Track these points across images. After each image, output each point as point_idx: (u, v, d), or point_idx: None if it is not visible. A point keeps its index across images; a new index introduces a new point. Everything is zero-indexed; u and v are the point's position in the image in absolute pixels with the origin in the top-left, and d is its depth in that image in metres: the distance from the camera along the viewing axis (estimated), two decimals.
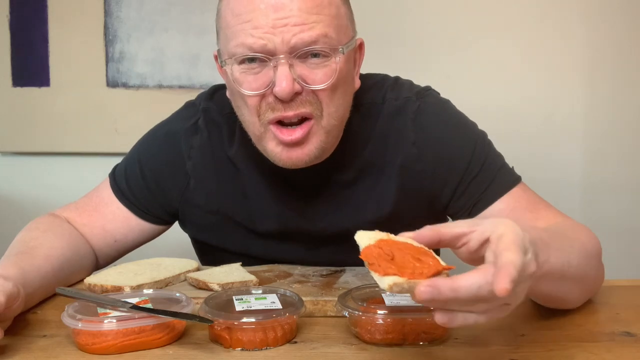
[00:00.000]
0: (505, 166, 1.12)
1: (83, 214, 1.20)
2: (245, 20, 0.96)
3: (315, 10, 0.95)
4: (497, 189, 1.08)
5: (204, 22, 1.91)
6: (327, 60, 0.97)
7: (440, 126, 1.11)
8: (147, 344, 0.84)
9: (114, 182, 1.21)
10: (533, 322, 0.94)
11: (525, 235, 0.69)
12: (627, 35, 1.92)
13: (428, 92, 1.15)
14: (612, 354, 0.83)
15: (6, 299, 0.84)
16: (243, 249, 1.18)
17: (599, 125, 1.95)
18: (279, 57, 0.95)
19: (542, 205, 1.08)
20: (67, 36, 1.94)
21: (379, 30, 1.86)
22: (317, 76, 0.97)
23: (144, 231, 1.22)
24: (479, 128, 1.15)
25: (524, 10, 1.92)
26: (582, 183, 1.96)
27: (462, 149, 1.10)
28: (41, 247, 1.05)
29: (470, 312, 0.67)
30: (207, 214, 1.18)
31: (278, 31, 0.94)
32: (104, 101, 1.95)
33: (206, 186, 1.17)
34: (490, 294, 0.63)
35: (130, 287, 1.00)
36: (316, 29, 0.95)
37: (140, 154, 1.21)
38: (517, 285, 0.65)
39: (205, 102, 1.19)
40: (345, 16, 1.01)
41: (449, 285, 0.64)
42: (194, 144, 1.17)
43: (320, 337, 0.89)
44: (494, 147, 1.14)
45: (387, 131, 1.10)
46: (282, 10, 0.94)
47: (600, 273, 1.00)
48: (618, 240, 1.94)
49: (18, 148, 2.00)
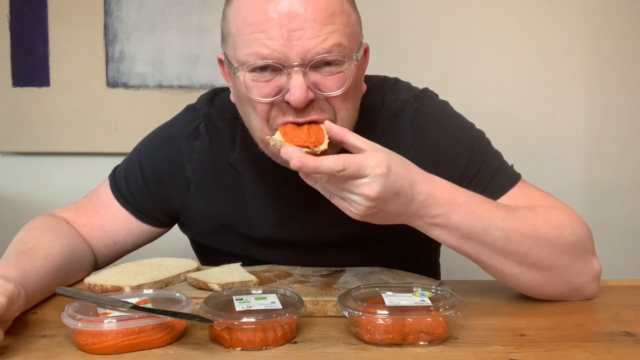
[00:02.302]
0: (504, 165, 1.12)
1: (82, 214, 1.20)
2: (259, 30, 0.95)
3: (329, 20, 0.95)
4: (496, 190, 1.08)
5: (204, 22, 1.91)
6: (339, 67, 0.98)
7: (438, 128, 1.11)
8: (147, 344, 0.84)
9: (114, 184, 1.21)
10: (533, 322, 0.94)
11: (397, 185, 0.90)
12: (627, 35, 1.92)
13: (426, 94, 1.15)
14: (612, 354, 0.83)
15: (7, 301, 0.84)
16: (242, 253, 1.18)
17: (600, 126, 1.95)
18: (292, 66, 0.95)
19: (539, 199, 1.07)
20: (67, 36, 1.93)
21: (379, 31, 1.86)
22: (331, 83, 0.97)
23: (144, 233, 1.22)
24: (476, 128, 1.15)
25: (524, 11, 1.92)
26: (582, 183, 1.96)
27: (459, 150, 1.10)
28: (40, 247, 1.05)
29: (320, 183, 0.90)
30: (206, 219, 1.18)
31: (293, 44, 0.94)
32: (104, 101, 1.95)
33: (206, 191, 1.17)
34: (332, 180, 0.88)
35: (130, 287, 1.00)
36: (330, 39, 0.95)
37: (141, 157, 1.21)
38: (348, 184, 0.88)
39: (207, 107, 1.19)
40: (355, 23, 1.02)
41: (310, 159, 0.87)
42: (195, 148, 1.17)
43: (320, 337, 0.89)
44: (492, 146, 1.14)
45: (387, 133, 1.11)
46: (297, 20, 0.94)
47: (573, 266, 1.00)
48: (618, 241, 1.94)
49: (18, 148, 1.99)
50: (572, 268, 1.00)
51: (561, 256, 0.99)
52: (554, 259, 0.99)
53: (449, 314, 0.86)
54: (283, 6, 0.94)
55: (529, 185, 1.11)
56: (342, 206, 0.92)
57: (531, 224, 0.98)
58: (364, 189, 0.88)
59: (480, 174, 1.09)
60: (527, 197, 1.07)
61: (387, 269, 1.12)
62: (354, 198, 0.89)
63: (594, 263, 1.03)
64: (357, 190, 0.88)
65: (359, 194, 0.89)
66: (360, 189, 0.88)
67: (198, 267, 1.12)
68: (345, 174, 0.87)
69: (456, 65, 1.92)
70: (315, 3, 0.94)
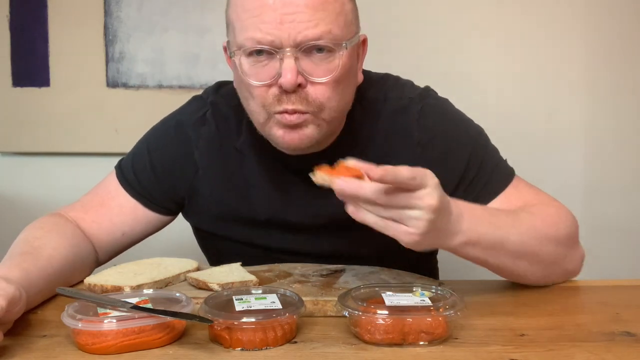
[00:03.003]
0: (501, 163, 1.17)
1: (90, 210, 1.20)
2: (255, 15, 0.99)
3: (322, 6, 0.99)
4: (494, 189, 1.13)
5: (204, 22, 1.91)
6: (330, 55, 1.01)
7: (443, 126, 1.15)
8: (147, 344, 0.84)
9: (121, 174, 1.22)
10: (533, 322, 0.94)
11: (446, 198, 0.89)
12: (628, 35, 1.92)
13: (429, 92, 1.19)
14: (612, 354, 0.83)
15: (7, 304, 0.84)
16: (246, 238, 1.20)
17: (600, 126, 1.95)
18: (285, 50, 0.98)
19: (530, 197, 1.13)
20: (67, 36, 1.93)
21: (379, 30, 1.86)
22: (320, 70, 1.01)
23: (150, 222, 1.23)
24: (475, 124, 1.19)
25: (524, 11, 1.92)
26: (582, 183, 1.96)
27: (462, 148, 1.14)
28: (45, 247, 1.05)
29: (372, 214, 0.86)
30: (212, 203, 1.20)
31: (285, 27, 0.98)
32: (104, 101, 1.95)
33: (213, 176, 1.19)
34: (379, 200, 0.84)
35: (130, 287, 1.00)
36: (321, 25, 0.99)
37: (149, 144, 1.23)
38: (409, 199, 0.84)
39: (213, 95, 1.22)
40: (350, 12, 1.05)
41: (356, 182, 0.84)
42: (202, 134, 1.19)
43: (320, 337, 0.89)
44: (490, 142, 1.19)
45: (392, 130, 1.14)
46: (290, 5, 0.98)
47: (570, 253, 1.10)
48: (618, 241, 1.94)
49: (18, 148, 1.99)
50: (567, 257, 1.10)
51: (559, 249, 1.08)
52: (555, 253, 1.07)
53: (449, 314, 0.86)
54: None
55: (521, 181, 1.16)
56: (399, 230, 0.87)
57: (534, 226, 1.04)
58: (427, 200, 0.85)
59: (480, 172, 1.13)
60: (521, 195, 1.13)
61: (387, 269, 1.13)
62: (414, 214, 0.85)
63: (580, 248, 1.13)
64: (421, 202, 0.85)
65: (422, 206, 0.85)
66: (423, 200, 0.85)
67: (198, 267, 1.12)
68: (416, 182, 0.84)
69: (456, 64, 1.92)
70: None
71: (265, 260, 1.18)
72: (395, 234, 0.87)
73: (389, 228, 0.87)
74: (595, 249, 1.95)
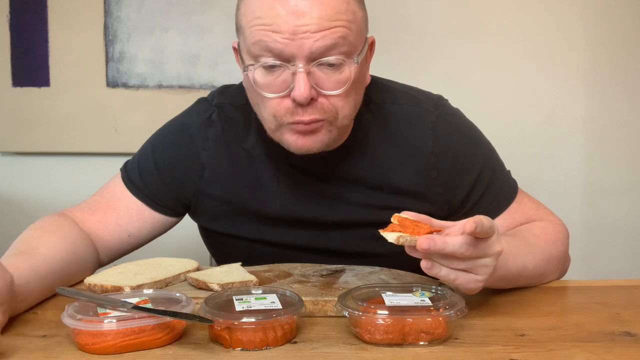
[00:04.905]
0: (506, 181, 1.20)
1: (97, 211, 1.21)
2: (267, 23, 0.98)
3: (335, 17, 0.98)
4: (500, 205, 1.17)
5: (204, 22, 1.91)
6: (341, 68, 1.01)
7: (457, 138, 1.16)
8: (147, 344, 0.84)
9: (127, 176, 1.22)
10: (533, 322, 0.94)
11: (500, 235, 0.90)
12: (628, 35, 1.92)
13: (443, 102, 1.20)
14: (612, 354, 0.83)
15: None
16: (255, 235, 1.20)
17: (600, 126, 1.96)
18: (297, 64, 0.98)
19: (531, 212, 1.18)
20: (67, 36, 1.94)
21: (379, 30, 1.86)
22: (332, 83, 1.01)
23: (157, 224, 1.23)
24: (485, 137, 1.21)
25: (524, 11, 1.92)
26: (582, 183, 1.96)
27: (474, 161, 1.16)
28: (40, 247, 1.05)
29: (446, 267, 0.87)
30: (221, 204, 1.20)
31: (298, 38, 0.97)
32: (104, 101, 1.95)
33: (221, 177, 1.19)
34: (466, 252, 0.84)
35: (130, 287, 1.00)
36: (334, 37, 0.98)
37: (154, 147, 1.23)
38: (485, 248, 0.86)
39: (218, 97, 1.22)
40: (361, 20, 1.04)
41: (441, 238, 0.84)
42: (209, 135, 1.19)
43: (320, 337, 0.89)
44: (498, 156, 1.21)
45: (403, 136, 1.15)
46: (303, 17, 0.97)
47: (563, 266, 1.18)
48: (618, 241, 1.94)
49: (18, 148, 2.00)
50: (566, 264, 1.19)
51: (559, 265, 1.15)
52: (556, 269, 1.15)
53: (449, 314, 0.86)
54: (290, 3, 0.97)
55: (524, 196, 1.20)
56: (469, 279, 0.88)
57: (542, 249, 1.10)
58: (496, 247, 0.88)
59: (487, 190, 1.16)
60: (524, 211, 1.18)
61: (387, 269, 1.13)
62: (484, 262, 0.88)
63: (569, 258, 1.20)
64: (491, 249, 0.87)
65: (492, 253, 0.88)
66: (493, 247, 0.87)
67: (198, 267, 1.12)
68: (492, 230, 0.86)
69: (457, 65, 1.92)
70: (322, 1, 0.97)
71: (275, 256, 1.18)
72: (464, 283, 0.88)
73: (460, 278, 0.88)
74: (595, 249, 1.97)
